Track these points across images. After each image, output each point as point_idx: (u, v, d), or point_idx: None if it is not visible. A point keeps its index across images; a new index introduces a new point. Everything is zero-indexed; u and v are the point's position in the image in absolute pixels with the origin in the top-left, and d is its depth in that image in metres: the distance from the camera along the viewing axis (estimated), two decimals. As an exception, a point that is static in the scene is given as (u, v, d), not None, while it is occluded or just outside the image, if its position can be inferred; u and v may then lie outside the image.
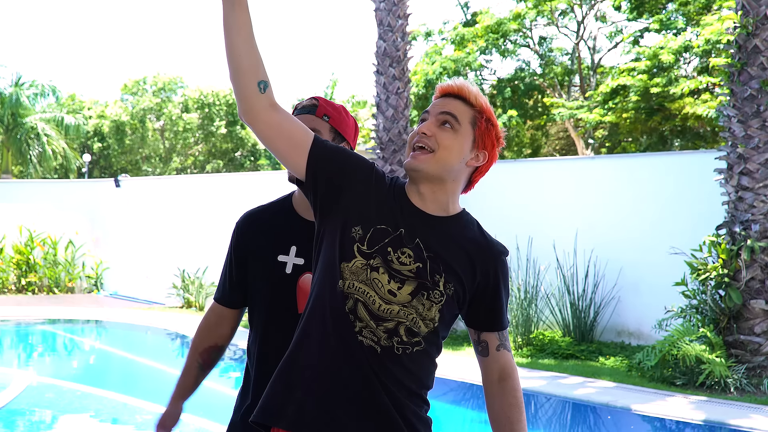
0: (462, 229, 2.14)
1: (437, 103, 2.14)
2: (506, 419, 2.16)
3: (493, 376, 2.19)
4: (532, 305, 9.73)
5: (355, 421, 2.00)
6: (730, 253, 7.81)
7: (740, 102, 7.97)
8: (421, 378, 2.10)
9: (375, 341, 2.01)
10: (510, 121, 20.11)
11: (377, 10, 11.08)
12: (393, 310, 2.02)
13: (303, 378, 2.04)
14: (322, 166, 2.06)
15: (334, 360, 2.02)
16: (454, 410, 7.49)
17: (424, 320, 2.04)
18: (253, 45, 1.98)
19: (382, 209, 2.08)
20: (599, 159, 11.72)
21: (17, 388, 7.75)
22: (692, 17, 18.30)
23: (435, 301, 2.04)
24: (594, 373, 8.16)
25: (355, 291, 2.02)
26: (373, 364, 2.01)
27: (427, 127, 2.09)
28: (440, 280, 2.05)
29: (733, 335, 7.81)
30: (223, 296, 2.56)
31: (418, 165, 2.07)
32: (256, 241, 2.48)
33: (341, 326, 2.02)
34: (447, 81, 2.17)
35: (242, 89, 1.97)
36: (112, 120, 34.71)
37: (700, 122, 18.17)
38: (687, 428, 6.48)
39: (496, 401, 2.18)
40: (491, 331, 2.19)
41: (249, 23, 1.98)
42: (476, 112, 2.12)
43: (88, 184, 17.81)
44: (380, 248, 2.04)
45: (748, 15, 7.92)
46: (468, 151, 2.12)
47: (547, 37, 22.19)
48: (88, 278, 16.43)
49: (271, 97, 2.01)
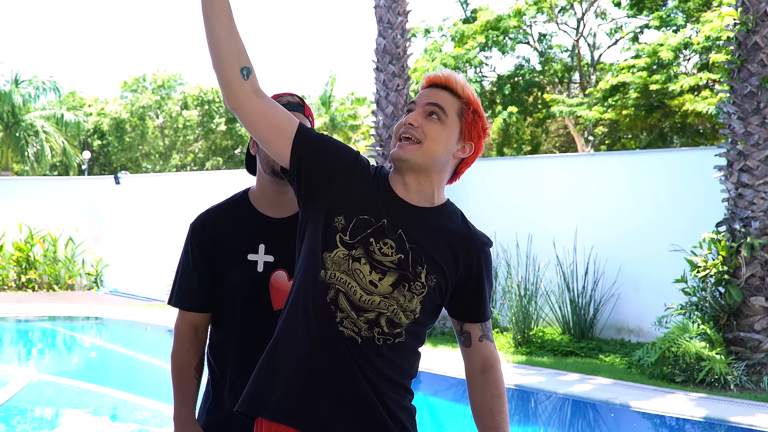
0: (445, 220, 2.13)
1: (424, 94, 2.12)
2: (488, 410, 2.16)
3: (475, 366, 2.20)
4: (532, 302, 9.73)
5: (336, 411, 2.01)
6: (730, 250, 7.81)
7: (740, 99, 7.97)
8: (403, 368, 2.10)
9: (356, 332, 2.01)
10: (510, 117, 20.11)
11: (377, 7, 11.07)
12: (374, 301, 2.02)
13: (285, 369, 2.04)
14: (307, 154, 2.05)
15: (316, 350, 2.02)
16: (453, 407, 7.49)
17: (405, 312, 2.04)
18: (234, 31, 1.97)
19: (365, 199, 2.07)
20: (599, 156, 11.71)
21: (17, 385, 7.75)
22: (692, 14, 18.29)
23: (416, 292, 2.04)
24: (594, 370, 8.16)
25: (336, 281, 2.02)
26: (354, 355, 2.01)
27: (414, 118, 2.08)
28: (422, 271, 2.05)
29: (733, 332, 7.81)
30: (194, 303, 2.44)
31: (404, 155, 2.06)
32: (222, 243, 2.41)
33: (323, 316, 2.02)
34: (434, 71, 2.15)
35: (225, 76, 1.96)
36: (112, 117, 34.69)
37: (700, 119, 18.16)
38: (687, 425, 6.49)
39: (479, 392, 2.18)
40: (474, 322, 2.18)
41: (228, 8, 1.96)
42: (463, 104, 2.11)
43: (88, 182, 17.80)
44: (362, 239, 2.03)
45: (748, 12, 7.91)
46: (455, 142, 2.10)
47: (547, 34, 22.18)
48: (88, 275, 16.43)
49: (255, 83, 2.00)
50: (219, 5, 1.95)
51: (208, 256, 2.41)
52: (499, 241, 10.24)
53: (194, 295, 2.44)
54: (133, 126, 35.18)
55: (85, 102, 36.86)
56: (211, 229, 2.42)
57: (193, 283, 2.43)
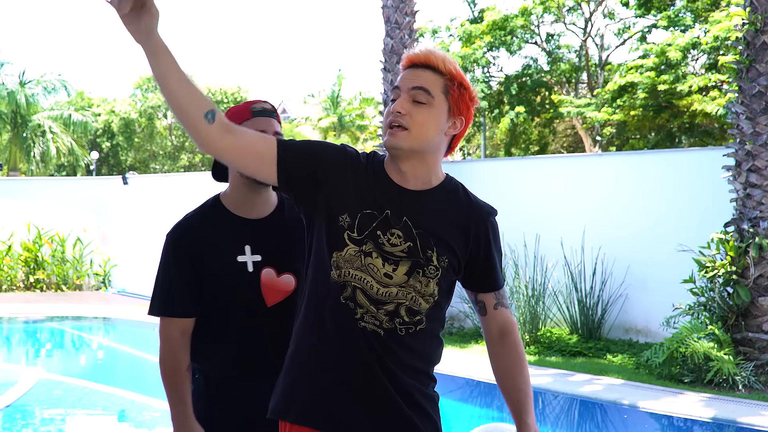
0: (447, 198, 2.13)
1: (406, 77, 2.09)
2: (509, 373, 2.20)
3: (493, 333, 2.23)
4: (540, 303, 9.72)
5: (360, 410, 2.03)
6: (738, 250, 7.78)
7: (748, 99, 7.94)
8: (427, 354, 2.12)
9: (377, 325, 2.02)
10: (517, 117, 20.08)
11: (384, 7, 11.07)
12: (391, 292, 2.03)
13: (307, 373, 2.06)
14: (294, 168, 2.04)
15: (336, 350, 2.03)
16: (461, 407, 7.48)
17: (424, 296, 2.05)
18: (188, 82, 1.92)
19: (364, 193, 2.07)
20: (607, 156, 11.68)
21: (26, 385, 7.77)
22: (700, 14, 18.25)
23: (431, 276, 2.05)
24: (601, 370, 8.15)
25: (351, 278, 2.02)
26: (378, 349, 2.02)
27: (401, 105, 2.06)
28: (433, 255, 2.06)
29: (742, 333, 7.78)
30: (183, 309, 2.45)
31: (397, 142, 2.04)
32: (209, 248, 2.43)
33: (341, 316, 2.03)
34: (413, 49, 2.12)
35: (192, 126, 1.94)
36: (121, 117, 34.74)
37: (708, 119, 18.11)
38: (695, 426, 6.47)
39: (498, 357, 2.22)
40: (488, 292, 2.22)
41: (175, 64, 1.91)
42: (447, 80, 2.08)
43: (96, 182, 17.84)
44: (370, 233, 2.04)
45: (757, 11, 7.88)
46: (445, 121, 2.08)
47: (555, 34, 22.14)
48: (96, 275, 16.47)
49: (222, 120, 1.97)
50: (166, 64, 1.89)
51: (195, 262, 2.43)
52: (507, 241, 10.22)
53: (182, 301, 2.45)
54: (142, 126, 35.23)
55: (94, 102, 36.93)
56: (195, 235, 2.45)
57: (179, 289, 2.44)
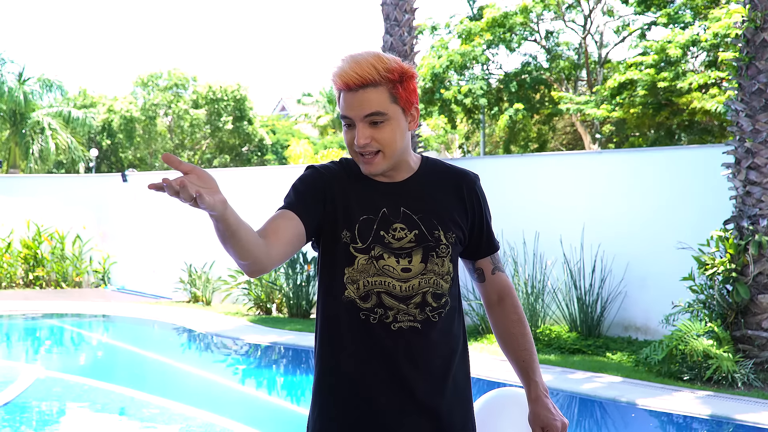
0: (433, 176, 2.17)
1: (352, 105, 2.01)
2: (511, 335, 2.24)
3: (492, 298, 2.27)
4: (539, 300, 9.73)
5: (402, 412, 2.05)
6: (738, 247, 7.78)
7: (748, 96, 7.94)
8: (457, 334, 2.15)
9: (412, 320, 2.04)
10: (516, 114, 20.08)
11: (384, 5, 11.06)
12: (413, 284, 2.05)
13: (349, 390, 2.07)
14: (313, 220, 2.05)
15: (372, 359, 2.04)
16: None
17: (443, 277, 2.08)
18: (256, 239, 1.85)
19: (353, 201, 2.08)
20: (606, 153, 11.69)
21: (25, 382, 7.78)
22: (700, 11, 18.22)
23: (444, 255, 2.09)
24: (601, 368, 8.15)
25: (372, 286, 2.03)
26: (419, 343, 2.05)
27: (362, 135, 2.01)
28: (440, 233, 2.09)
29: (741, 330, 7.79)
30: None
31: (375, 169, 2.06)
32: None
33: (372, 326, 2.04)
34: (340, 69, 2.03)
35: (260, 268, 1.89)
36: (122, 115, 34.69)
37: (708, 117, 18.10)
38: (694, 423, 6.47)
39: (500, 320, 2.26)
40: (485, 257, 2.25)
41: (245, 236, 1.80)
42: (389, 86, 2.02)
43: (95, 179, 17.84)
44: (373, 236, 2.05)
45: (756, 9, 7.88)
46: (404, 123, 2.07)
47: (554, 31, 22.12)
48: (96, 273, 16.47)
49: (266, 244, 1.91)
50: (237, 238, 1.78)
51: None
52: (506, 239, 10.22)
53: None
54: (142, 124, 35.18)
55: (94, 100, 36.86)
56: None
57: None
